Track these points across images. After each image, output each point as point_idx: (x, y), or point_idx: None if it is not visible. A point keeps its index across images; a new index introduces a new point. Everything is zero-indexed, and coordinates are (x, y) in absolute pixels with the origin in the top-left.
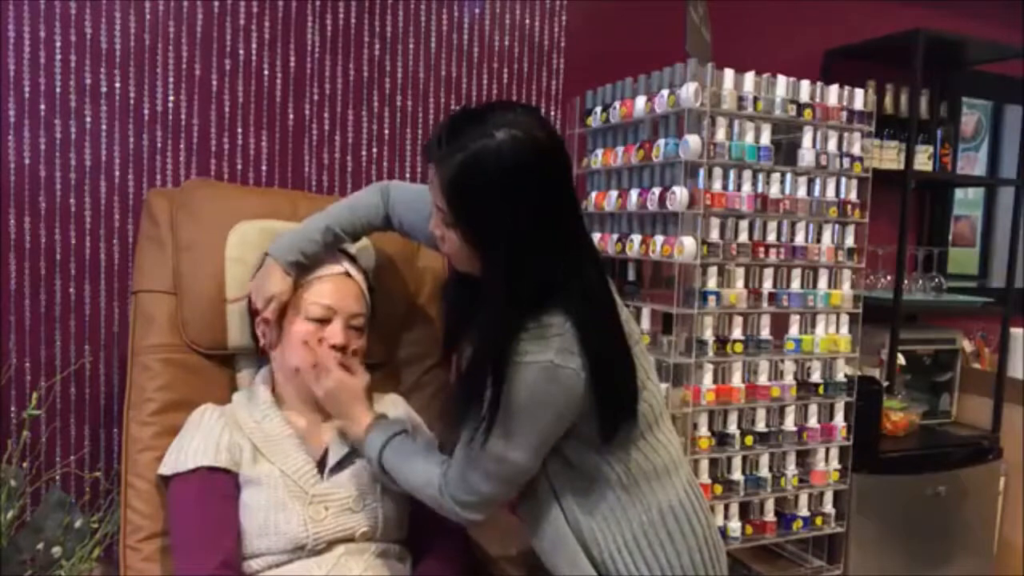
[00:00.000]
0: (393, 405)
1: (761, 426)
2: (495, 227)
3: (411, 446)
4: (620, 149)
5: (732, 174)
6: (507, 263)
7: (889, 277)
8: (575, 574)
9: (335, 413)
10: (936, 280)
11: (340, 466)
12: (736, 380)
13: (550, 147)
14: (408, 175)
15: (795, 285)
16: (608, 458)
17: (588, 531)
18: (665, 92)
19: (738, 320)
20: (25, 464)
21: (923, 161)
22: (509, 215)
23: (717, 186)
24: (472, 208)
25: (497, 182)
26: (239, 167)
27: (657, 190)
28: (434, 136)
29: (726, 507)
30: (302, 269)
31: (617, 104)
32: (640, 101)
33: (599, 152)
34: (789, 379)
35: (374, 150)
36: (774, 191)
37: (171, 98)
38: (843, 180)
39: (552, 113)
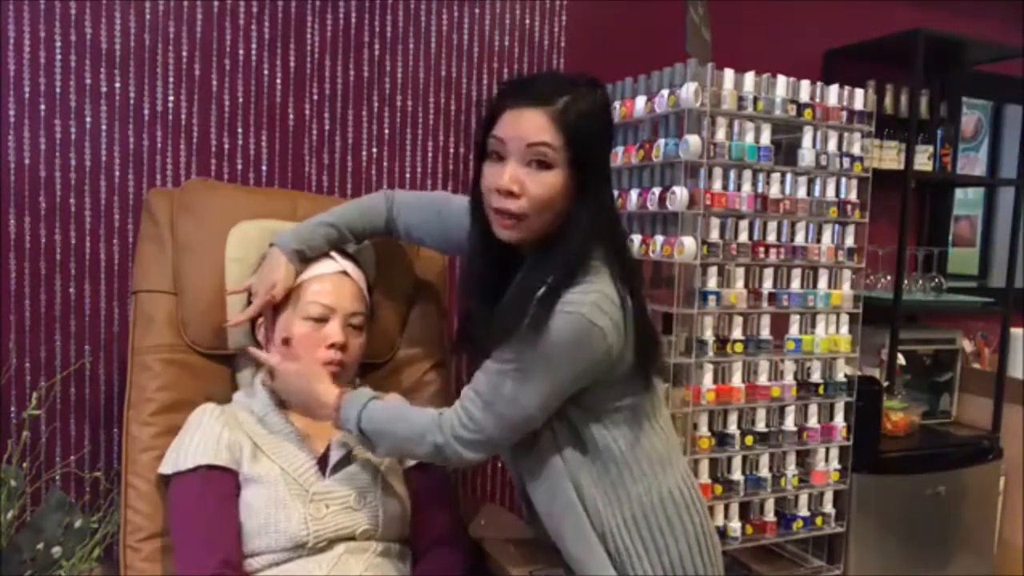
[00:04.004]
0: None
1: (761, 426)
2: (601, 165)
3: (393, 405)
4: (620, 149)
5: (732, 174)
6: (600, 201)
7: (889, 277)
8: (582, 550)
9: (302, 401)
10: (936, 280)
11: (341, 464)
12: (736, 380)
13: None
14: (408, 175)
15: (795, 285)
16: (612, 431)
17: (591, 502)
18: (665, 92)
19: (738, 320)
20: (25, 464)
21: (923, 161)
22: (605, 157)
23: (717, 186)
24: (587, 145)
25: (603, 125)
26: (239, 167)
27: (657, 190)
28: (528, 81)
29: (726, 507)
30: (304, 261)
31: (617, 104)
32: (640, 101)
33: None
34: (789, 379)
35: (374, 150)
36: (774, 191)
37: (171, 98)
38: (843, 180)
39: None
